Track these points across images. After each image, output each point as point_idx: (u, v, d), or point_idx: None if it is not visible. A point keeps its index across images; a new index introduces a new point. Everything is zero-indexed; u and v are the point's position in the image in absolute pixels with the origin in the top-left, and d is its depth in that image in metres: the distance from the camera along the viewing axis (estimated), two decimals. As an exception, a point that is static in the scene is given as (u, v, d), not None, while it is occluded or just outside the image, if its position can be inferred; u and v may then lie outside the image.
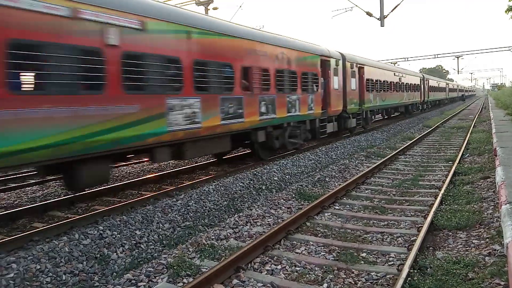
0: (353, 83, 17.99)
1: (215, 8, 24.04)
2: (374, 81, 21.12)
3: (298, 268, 4.91)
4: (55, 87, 5.93)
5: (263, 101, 10.96)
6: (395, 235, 5.93)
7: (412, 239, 5.66)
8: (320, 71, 14.55)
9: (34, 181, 10.20)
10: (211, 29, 9.20)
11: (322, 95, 14.70)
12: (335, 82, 15.89)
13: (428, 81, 39.50)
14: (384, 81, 23.16)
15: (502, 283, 4.14)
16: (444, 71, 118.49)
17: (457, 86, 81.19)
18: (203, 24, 9.06)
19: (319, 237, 6.01)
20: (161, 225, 6.59)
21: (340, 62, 16.50)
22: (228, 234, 6.14)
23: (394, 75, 25.91)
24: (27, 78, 6.16)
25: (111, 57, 6.71)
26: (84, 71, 6.36)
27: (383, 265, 4.97)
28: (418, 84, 33.76)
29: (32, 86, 6.17)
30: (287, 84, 12.21)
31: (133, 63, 7.09)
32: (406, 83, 28.90)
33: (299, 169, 11.07)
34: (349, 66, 17.37)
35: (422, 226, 5.87)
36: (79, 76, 6.31)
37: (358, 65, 18.75)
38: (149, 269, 4.92)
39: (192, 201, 7.61)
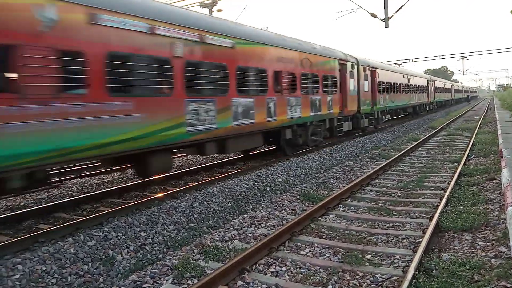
0: (366, 85, 19.13)
1: (219, 10, 24.08)
2: (385, 83, 22.22)
3: (302, 270, 4.90)
4: (140, 90, 7.26)
5: (291, 101, 12.21)
6: (400, 237, 5.91)
7: (417, 240, 5.63)
8: (338, 74, 15.83)
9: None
10: (250, 38, 10.51)
11: (340, 96, 15.87)
12: (351, 84, 17.19)
13: (434, 82, 40.33)
14: (394, 83, 24.21)
15: (509, 285, 4.11)
16: (449, 72, 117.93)
17: (463, 87, 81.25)
18: (244, 34, 10.40)
19: (324, 238, 5.99)
20: (165, 226, 6.61)
21: (355, 66, 17.79)
22: (233, 235, 6.14)
23: (403, 77, 27.02)
24: (120, 83, 7.08)
25: (177, 66, 8.05)
26: (157, 77, 7.74)
27: (388, 267, 4.95)
28: (425, 86, 34.65)
29: (124, 89, 7.19)
30: (311, 86, 13.45)
31: (192, 70, 8.41)
32: (414, 85, 29.88)
33: (303, 170, 11.05)
34: (362, 69, 18.54)
35: (427, 228, 5.85)
36: (155, 81, 7.67)
37: (371, 68, 19.86)
38: (154, 270, 4.93)
39: (197, 203, 7.62)
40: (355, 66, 17.79)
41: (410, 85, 28.56)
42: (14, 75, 5.48)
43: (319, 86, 14.01)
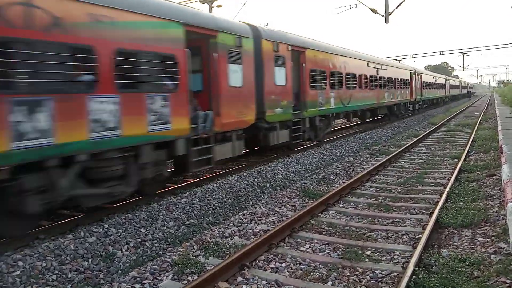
0: (280, 75, 11.65)
1: (219, 6, 23.97)
2: (328, 73, 14.71)
3: (302, 266, 4.92)
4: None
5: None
6: (400, 233, 5.92)
7: (417, 237, 5.64)
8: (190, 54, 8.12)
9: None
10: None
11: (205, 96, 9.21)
12: (236, 74, 9.69)
13: (421, 76, 32.59)
14: (349, 74, 16.74)
15: (508, 281, 4.12)
16: (449, 68, 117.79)
17: (460, 82, 73.08)
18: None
19: (324, 235, 6.00)
20: (165, 223, 6.61)
21: (249, 42, 10.28)
22: (233, 232, 6.15)
23: (368, 65, 19.44)
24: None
25: None
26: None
27: (388, 263, 4.96)
28: (406, 79, 27.23)
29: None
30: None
31: None
32: (387, 78, 22.46)
33: (303, 167, 11.05)
34: (269, 48, 11.11)
35: (427, 224, 5.85)
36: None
37: (292, 48, 12.23)
38: (154, 266, 4.94)
39: (197, 199, 7.62)
40: (248, 43, 10.19)
41: (380, 77, 21.06)
42: None
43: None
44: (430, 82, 37.13)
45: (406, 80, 27.06)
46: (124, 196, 7.08)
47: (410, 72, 28.53)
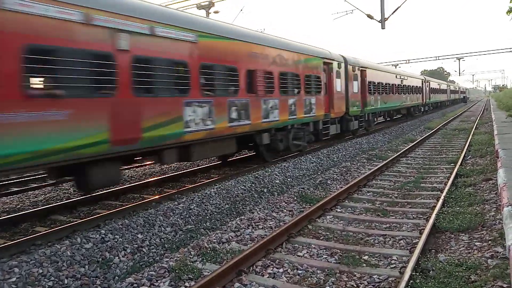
0: (355, 86, 18.16)
1: (216, 12, 24.09)
2: (376, 83, 21.28)
3: (300, 271, 4.91)
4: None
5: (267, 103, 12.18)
6: (397, 238, 5.92)
7: (414, 241, 5.65)
8: (323, 74, 14.80)
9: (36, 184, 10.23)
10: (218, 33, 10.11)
11: (325, 98, 14.90)
12: (338, 84, 16.12)
13: (429, 83, 39.98)
14: (386, 84, 23.33)
15: (505, 285, 4.13)
16: (445, 73, 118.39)
17: (459, 88, 79.18)
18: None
19: (321, 240, 6.00)
20: (163, 228, 6.59)
21: (343, 65, 16.74)
22: (230, 237, 6.14)
23: (396, 77, 26.11)
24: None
25: None
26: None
27: (385, 267, 4.96)
28: (419, 86, 34.07)
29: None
30: (291, 87, 12.48)
31: None
32: (407, 85, 29.14)
33: (300, 171, 11.06)
34: (351, 69, 17.57)
35: (424, 229, 5.86)
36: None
37: (360, 68, 18.93)
38: (151, 272, 4.92)
39: (194, 205, 7.61)
40: (342, 65, 16.71)
41: (403, 85, 27.79)
42: None
43: (301, 87, 12.93)
44: (435, 88, 44.59)
45: (419, 87, 34.00)
46: (303, 147, 13.62)
47: (422, 80, 35.84)
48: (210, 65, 8.92)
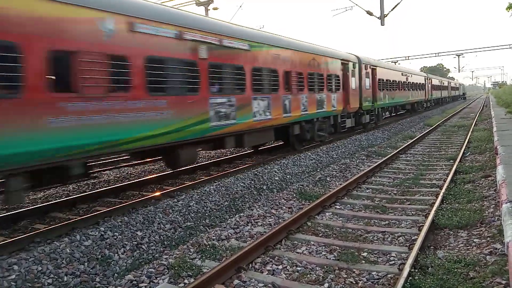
0: (367, 83, 19.88)
1: (215, 8, 24.01)
2: (385, 80, 22.96)
3: (299, 268, 4.92)
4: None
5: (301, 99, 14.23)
6: (396, 234, 5.93)
7: (413, 238, 5.65)
8: (341, 73, 16.80)
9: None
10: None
11: (342, 94, 16.74)
12: (353, 82, 17.99)
13: (431, 80, 41.18)
14: (393, 81, 24.93)
15: (503, 282, 4.14)
16: (445, 69, 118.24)
17: (459, 84, 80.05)
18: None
19: (320, 237, 6.01)
20: (162, 225, 6.60)
21: (357, 65, 18.55)
22: (229, 234, 6.14)
23: (402, 75, 27.70)
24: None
25: None
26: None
27: (384, 264, 4.97)
28: (422, 83, 35.45)
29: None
30: (317, 85, 14.49)
31: None
32: (412, 82, 30.61)
33: (300, 168, 11.07)
34: (363, 67, 19.25)
35: (423, 225, 5.87)
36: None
37: (371, 67, 20.60)
38: (150, 270, 4.93)
39: (193, 202, 7.61)
40: (356, 65, 18.41)
41: (408, 82, 29.15)
42: None
43: (324, 85, 14.84)
44: (437, 85, 45.81)
45: (422, 84, 35.38)
46: (325, 137, 15.44)
47: (424, 77, 37.14)
48: (259, 68, 10.94)
